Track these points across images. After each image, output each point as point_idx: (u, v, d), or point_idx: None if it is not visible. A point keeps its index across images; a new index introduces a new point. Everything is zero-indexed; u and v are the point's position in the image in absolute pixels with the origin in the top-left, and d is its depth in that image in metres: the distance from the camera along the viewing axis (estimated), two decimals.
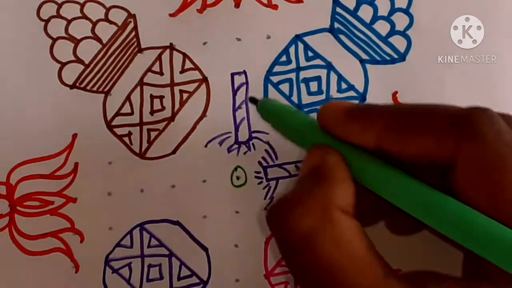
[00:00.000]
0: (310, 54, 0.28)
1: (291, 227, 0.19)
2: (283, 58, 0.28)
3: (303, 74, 0.28)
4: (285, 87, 0.28)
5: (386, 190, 0.20)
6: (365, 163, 0.20)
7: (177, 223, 0.27)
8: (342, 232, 0.19)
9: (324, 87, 0.28)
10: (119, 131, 0.27)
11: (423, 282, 0.18)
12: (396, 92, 0.28)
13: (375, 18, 0.28)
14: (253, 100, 0.25)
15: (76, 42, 0.28)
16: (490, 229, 0.16)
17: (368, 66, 0.28)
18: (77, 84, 0.27)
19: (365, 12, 0.28)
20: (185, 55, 0.28)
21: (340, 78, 0.28)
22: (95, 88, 0.27)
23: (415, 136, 0.19)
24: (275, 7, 0.28)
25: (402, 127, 0.19)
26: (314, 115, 0.22)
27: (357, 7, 0.28)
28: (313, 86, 0.28)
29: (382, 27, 0.28)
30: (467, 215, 0.17)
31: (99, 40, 0.28)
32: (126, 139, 0.27)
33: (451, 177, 0.18)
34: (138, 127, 0.27)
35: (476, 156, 0.18)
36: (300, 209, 0.19)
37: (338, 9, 0.28)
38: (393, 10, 0.28)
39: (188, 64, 0.28)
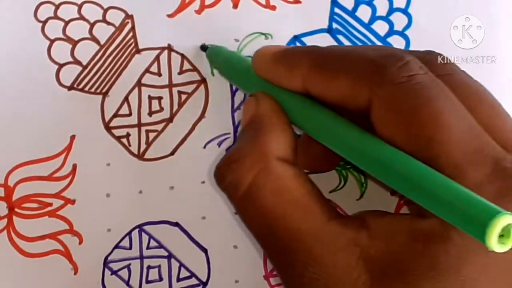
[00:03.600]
0: None
1: (235, 185, 0.20)
2: None
3: None
4: None
5: (315, 130, 0.20)
6: (296, 106, 0.20)
7: (176, 224, 0.27)
8: (281, 181, 0.19)
9: None
10: (117, 132, 0.27)
11: (364, 220, 0.18)
12: None
13: (374, 18, 0.28)
14: (203, 47, 0.27)
15: (74, 43, 0.28)
16: (405, 164, 0.17)
17: None
18: (75, 86, 0.27)
19: (364, 12, 0.28)
20: (183, 56, 0.28)
21: None
22: (93, 90, 0.27)
23: (333, 78, 0.19)
24: (273, 7, 0.28)
25: (323, 68, 0.19)
26: None
27: (355, 7, 0.28)
28: None
29: (381, 27, 0.28)
30: (385, 152, 0.17)
31: (96, 41, 0.28)
32: (124, 140, 0.27)
33: (371, 121, 0.18)
34: (136, 128, 0.27)
35: (387, 98, 0.18)
36: (240, 166, 0.20)
37: (336, 10, 0.28)
38: (391, 10, 0.28)
39: (187, 65, 0.28)
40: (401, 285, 0.17)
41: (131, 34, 0.28)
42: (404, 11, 0.28)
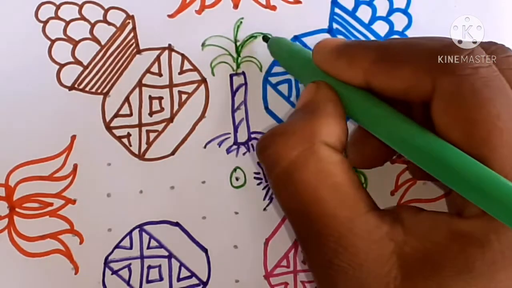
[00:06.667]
0: None
1: (276, 158, 0.19)
2: None
3: None
4: (284, 88, 0.28)
5: (372, 123, 0.20)
6: (354, 98, 0.20)
7: (176, 224, 0.27)
8: (325, 165, 0.19)
9: None
10: (118, 132, 0.27)
11: (399, 215, 0.18)
12: None
13: (374, 18, 0.28)
14: (265, 38, 0.27)
15: (75, 43, 0.28)
16: (461, 162, 0.16)
17: None
18: (76, 86, 0.27)
19: (364, 13, 0.28)
20: (183, 56, 0.28)
21: None
22: (93, 90, 0.27)
23: (397, 69, 0.19)
24: (273, 8, 0.28)
25: (386, 60, 0.19)
26: None
27: (355, 8, 0.28)
28: None
29: (381, 28, 0.28)
30: (441, 149, 0.17)
31: (97, 41, 0.28)
32: (125, 140, 0.27)
33: (431, 112, 0.18)
34: (137, 129, 0.27)
35: (450, 90, 0.17)
36: (285, 141, 0.19)
37: (337, 10, 0.28)
38: (391, 10, 0.28)
39: (187, 65, 0.28)
40: (432, 284, 0.17)
41: (132, 34, 0.28)
42: (404, 12, 0.28)
